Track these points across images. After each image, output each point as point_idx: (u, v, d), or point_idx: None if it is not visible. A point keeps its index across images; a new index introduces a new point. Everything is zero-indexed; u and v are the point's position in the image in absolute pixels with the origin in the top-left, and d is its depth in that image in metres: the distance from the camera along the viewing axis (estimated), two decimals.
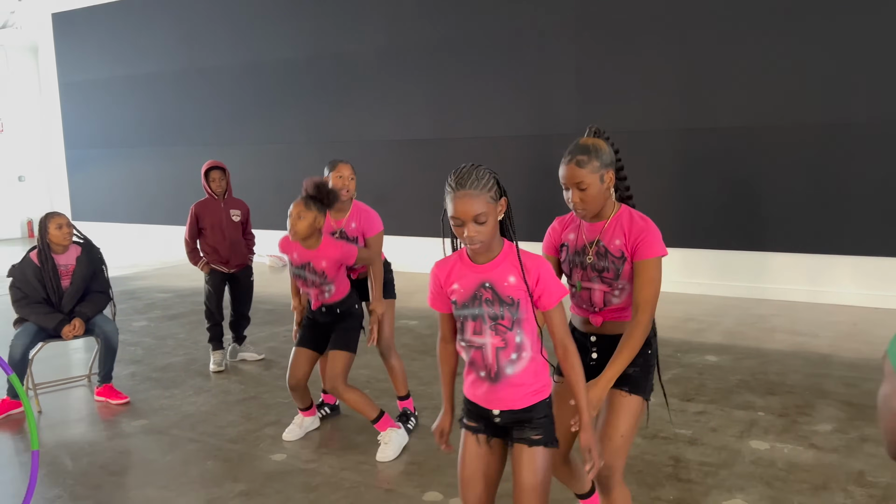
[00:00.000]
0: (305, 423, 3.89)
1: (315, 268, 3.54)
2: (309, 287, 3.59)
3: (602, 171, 2.22)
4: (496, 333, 2.02)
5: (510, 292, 2.00)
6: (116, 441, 3.92)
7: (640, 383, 2.31)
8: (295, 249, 3.57)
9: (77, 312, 4.44)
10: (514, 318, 2.00)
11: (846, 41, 6.53)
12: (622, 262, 2.27)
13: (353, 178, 3.80)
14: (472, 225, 1.92)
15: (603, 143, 2.27)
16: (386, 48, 9.01)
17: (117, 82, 11.63)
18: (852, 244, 6.71)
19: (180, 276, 9.31)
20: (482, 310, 2.02)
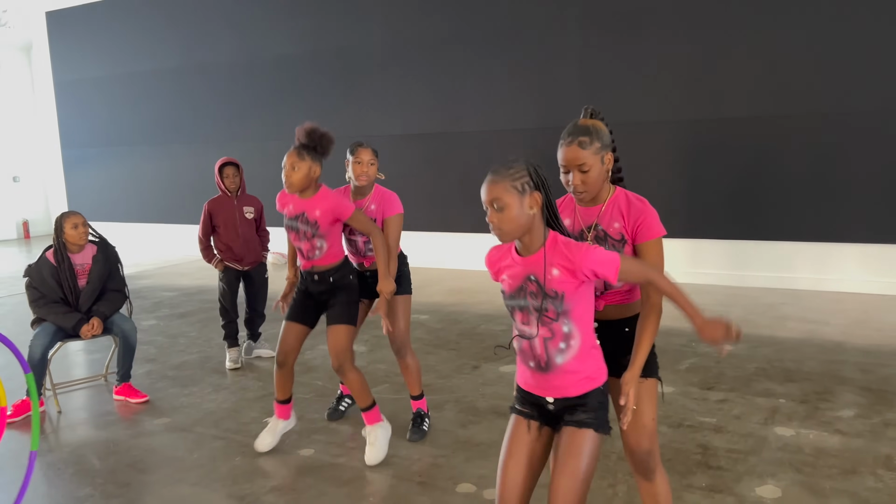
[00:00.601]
0: (279, 428, 3.64)
1: (308, 217, 3.41)
2: (300, 240, 3.45)
3: (602, 152, 2.21)
4: (542, 325, 2.02)
5: (554, 286, 1.99)
6: (141, 439, 3.90)
7: (650, 366, 2.29)
8: (291, 201, 3.48)
9: (95, 311, 4.42)
10: (558, 309, 2.00)
11: (851, 30, 6.56)
12: (622, 244, 2.26)
13: (373, 163, 3.61)
14: (491, 210, 1.95)
15: (601, 125, 2.26)
16: (388, 42, 8.99)
17: (114, 80, 11.55)
18: (858, 232, 6.75)
19: (183, 274, 9.27)
20: (527, 301, 2.03)
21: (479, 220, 8.69)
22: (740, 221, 7.21)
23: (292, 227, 3.47)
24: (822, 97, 6.74)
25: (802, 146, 6.88)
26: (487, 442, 3.67)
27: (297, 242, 3.47)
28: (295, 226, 3.46)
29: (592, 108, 2.34)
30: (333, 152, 3.56)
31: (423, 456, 3.55)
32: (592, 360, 2.07)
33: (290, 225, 3.48)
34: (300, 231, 3.44)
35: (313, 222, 3.41)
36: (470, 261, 8.74)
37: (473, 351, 5.35)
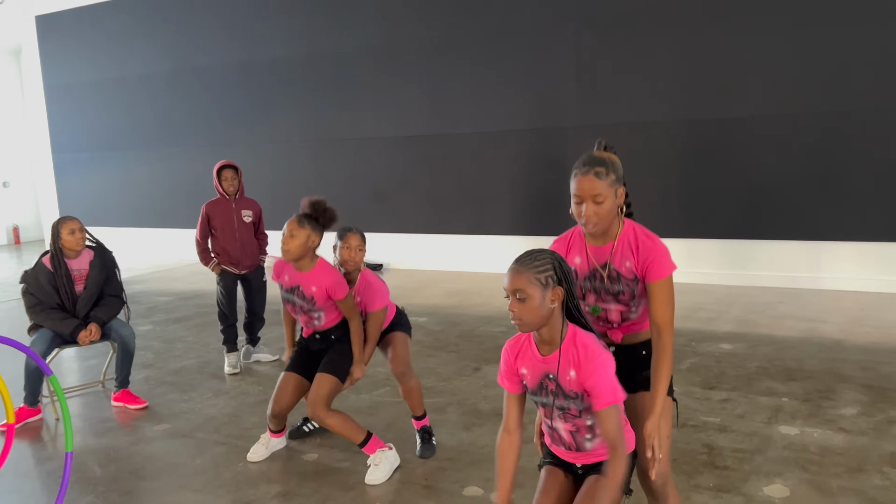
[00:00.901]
0: (272, 444, 3.66)
1: (304, 293, 3.37)
2: (297, 313, 3.46)
3: (616, 185, 2.19)
4: (565, 421, 2.08)
5: (573, 386, 2.01)
6: (142, 446, 3.87)
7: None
8: (287, 272, 3.42)
9: (92, 317, 4.38)
10: (580, 407, 2.04)
11: (849, 30, 6.58)
12: (636, 283, 2.25)
13: (361, 248, 3.49)
14: (513, 300, 1.95)
15: (616, 158, 2.25)
16: (383, 44, 8.97)
17: (106, 84, 11.47)
18: (854, 230, 6.78)
19: (177, 278, 9.21)
20: (549, 399, 2.07)
21: (474, 222, 8.68)
22: (737, 221, 7.23)
23: (289, 300, 3.47)
24: (819, 96, 6.76)
25: (799, 145, 6.90)
26: (492, 445, 3.65)
27: (294, 314, 3.50)
28: (291, 299, 3.45)
29: (606, 141, 2.32)
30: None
31: (428, 459, 3.52)
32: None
33: (286, 297, 3.48)
34: (296, 305, 3.45)
35: (309, 298, 3.38)
36: (466, 262, 8.73)
37: (474, 353, 5.34)
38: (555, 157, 8.15)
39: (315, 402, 3.33)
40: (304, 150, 9.74)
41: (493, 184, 8.50)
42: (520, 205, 8.39)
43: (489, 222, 8.60)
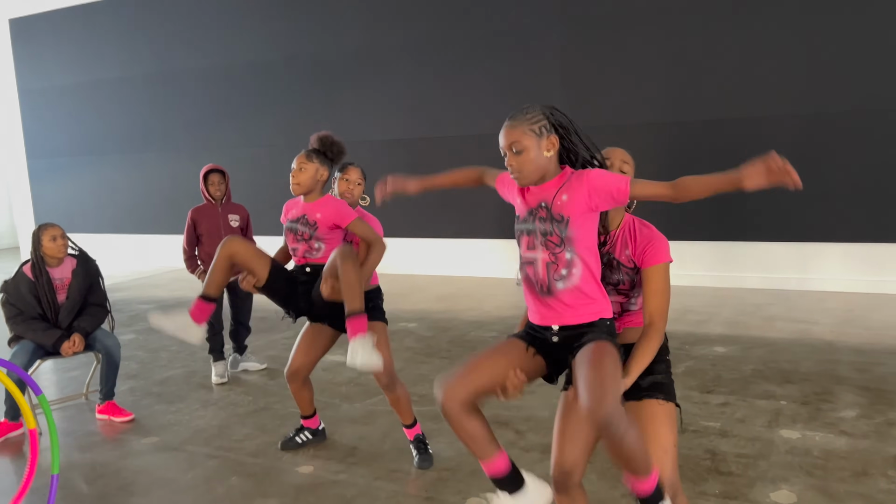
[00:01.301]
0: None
1: (308, 219, 3.37)
2: (297, 242, 3.39)
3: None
4: (546, 248, 2.07)
5: (561, 209, 2.05)
6: (130, 460, 3.74)
7: (671, 389, 2.25)
8: (294, 206, 3.45)
9: (76, 328, 4.24)
10: (562, 234, 2.05)
11: (832, 32, 6.62)
12: (635, 272, 2.22)
13: (359, 183, 3.59)
14: (510, 155, 2.06)
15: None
16: (366, 47, 8.88)
17: (82, 88, 11.25)
18: (841, 231, 6.81)
19: (158, 286, 9.04)
20: (535, 226, 2.10)
21: (462, 226, 8.62)
22: (725, 223, 7.24)
23: (291, 229, 3.42)
24: (805, 99, 6.79)
25: (785, 147, 6.89)
26: None
27: (294, 244, 3.41)
28: (294, 227, 3.40)
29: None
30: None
31: (427, 470, 3.44)
32: (596, 294, 2.09)
33: (290, 227, 3.43)
34: (298, 232, 3.39)
35: (312, 223, 3.37)
36: (454, 267, 8.66)
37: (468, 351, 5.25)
38: None
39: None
40: (286, 154, 9.58)
41: (477, 187, 8.43)
42: (506, 208, 8.32)
43: (475, 226, 8.54)
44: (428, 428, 3.94)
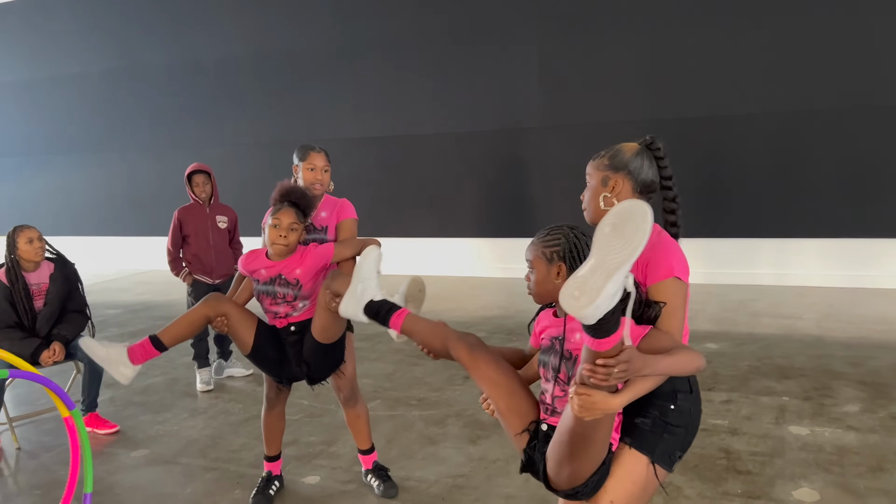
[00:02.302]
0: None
1: (287, 279, 2.84)
2: (279, 304, 2.85)
3: (608, 171, 1.99)
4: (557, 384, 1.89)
5: (571, 347, 1.87)
6: (121, 475, 3.54)
7: (646, 438, 1.88)
8: (260, 263, 2.87)
9: (55, 336, 4.00)
10: (569, 373, 1.86)
11: (809, 31, 6.71)
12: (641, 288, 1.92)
13: (326, 169, 3.11)
14: (528, 270, 1.98)
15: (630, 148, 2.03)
16: (338, 42, 8.70)
17: (37, 84, 10.78)
18: (817, 227, 6.92)
19: (124, 289, 8.71)
20: (549, 360, 1.92)
21: (438, 225, 8.51)
22: (704, 219, 7.28)
23: (268, 293, 2.85)
24: (783, 96, 6.87)
25: (762, 144, 7.00)
26: (503, 458, 3.49)
27: (274, 307, 2.86)
28: (271, 290, 2.85)
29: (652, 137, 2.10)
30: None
31: (440, 477, 3.33)
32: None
33: (264, 290, 2.86)
34: (278, 295, 2.84)
35: (294, 282, 2.84)
36: (432, 266, 8.54)
37: None
38: (518, 158, 8.06)
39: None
40: (254, 153, 9.36)
41: (456, 186, 8.35)
42: (484, 207, 8.27)
43: (453, 225, 8.44)
44: (432, 432, 3.84)
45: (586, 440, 1.72)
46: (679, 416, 1.90)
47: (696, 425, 1.96)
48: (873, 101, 6.61)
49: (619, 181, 1.98)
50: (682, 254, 1.91)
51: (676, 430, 1.89)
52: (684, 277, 1.85)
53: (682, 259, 1.89)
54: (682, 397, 1.90)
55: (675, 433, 1.89)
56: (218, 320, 2.79)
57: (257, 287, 2.89)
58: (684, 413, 1.90)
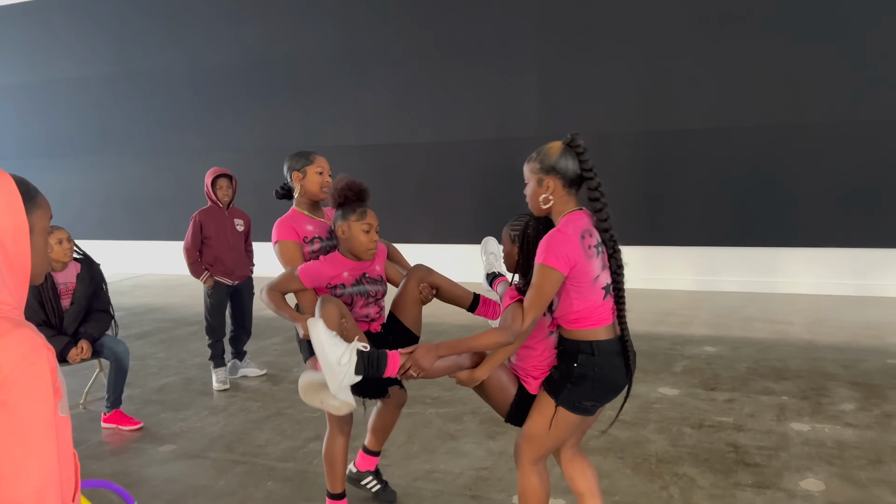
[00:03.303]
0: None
1: (372, 276, 2.86)
2: (370, 305, 2.83)
3: (541, 174, 2.27)
4: None
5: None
6: (153, 469, 3.65)
7: (554, 386, 2.31)
8: (345, 267, 2.79)
9: (82, 334, 4.10)
10: None
11: (799, 45, 6.99)
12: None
13: (331, 172, 3.02)
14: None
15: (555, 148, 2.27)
16: (340, 51, 8.86)
17: (37, 87, 10.80)
18: (805, 237, 7.19)
19: (121, 292, 8.75)
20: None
21: (436, 231, 8.67)
22: (695, 229, 7.53)
23: (361, 293, 2.81)
24: (775, 110, 7.15)
25: (756, 157, 7.27)
26: None
27: (365, 309, 2.83)
28: (363, 290, 2.82)
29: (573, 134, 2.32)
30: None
31: (464, 469, 3.49)
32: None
33: (356, 292, 2.80)
34: (370, 294, 2.83)
35: (378, 279, 2.88)
36: None
37: None
38: (516, 167, 8.23)
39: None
40: (255, 159, 9.47)
41: (454, 193, 8.53)
42: (481, 214, 8.45)
43: (450, 231, 8.61)
44: (451, 429, 3.99)
45: (484, 392, 2.46)
46: (580, 371, 2.27)
47: (608, 382, 2.30)
48: (861, 116, 6.90)
49: (550, 182, 2.27)
50: (564, 246, 2.18)
51: (581, 382, 2.27)
52: (554, 265, 2.17)
53: (558, 249, 2.18)
54: (582, 359, 2.27)
55: (579, 385, 2.27)
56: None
57: (345, 291, 2.78)
58: (586, 370, 2.27)
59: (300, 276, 2.74)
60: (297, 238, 2.86)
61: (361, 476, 3.23)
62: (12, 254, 1.29)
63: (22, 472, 1.21)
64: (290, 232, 2.85)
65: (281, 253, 2.85)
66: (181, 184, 9.91)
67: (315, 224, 2.93)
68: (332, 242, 2.95)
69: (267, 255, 7.32)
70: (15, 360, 1.22)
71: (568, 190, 2.27)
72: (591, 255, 2.22)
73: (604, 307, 2.29)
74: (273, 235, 2.88)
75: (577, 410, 2.30)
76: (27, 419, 1.22)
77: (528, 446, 2.38)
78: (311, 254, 2.87)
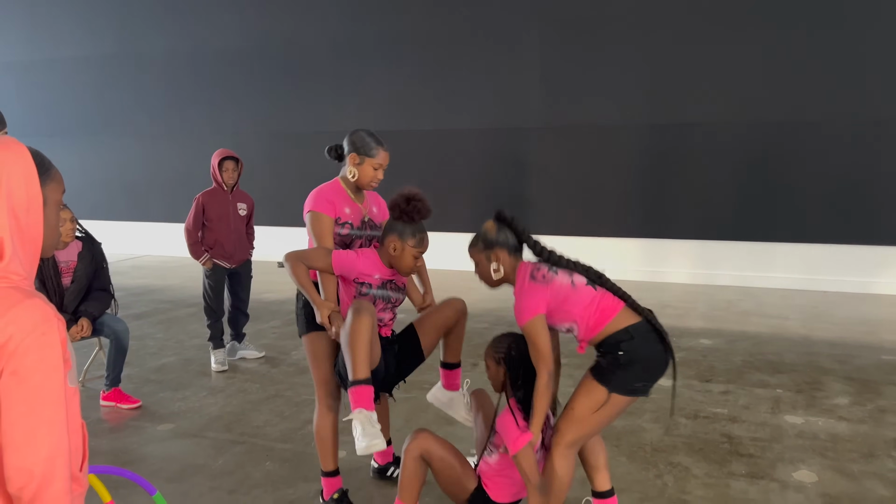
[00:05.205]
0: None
1: (398, 284, 2.89)
2: (387, 310, 2.86)
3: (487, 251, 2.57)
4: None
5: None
6: (152, 447, 3.67)
7: (603, 374, 2.44)
8: (379, 270, 2.80)
9: (82, 312, 4.12)
10: None
11: (799, 41, 7.00)
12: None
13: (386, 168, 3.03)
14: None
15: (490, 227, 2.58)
16: (343, 36, 8.83)
17: (34, 66, 10.75)
18: (801, 233, 7.22)
19: (120, 273, 8.74)
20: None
21: (436, 219, 8.66)
22: (692, 222, 7.55)
23: (383, 297, 2.83)
24: (773, 106, 7.16)
25: (754, 152, 7.28)
26: None
27: (382, 314, 2.85)
28: (386, 295, 2.84)
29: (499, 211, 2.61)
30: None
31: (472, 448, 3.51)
32: None
33: (379, 295, 2.81)
34: (391, 300, 2.86)
35: (402, 286, 2.91)
36: (430, 260, 8.67)
37: (465, 349, 5.29)
38: (517, 156, 8.27)
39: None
40: (255, 144, 9.45)
41: (456, 181, 8.53)
42: (483, 203, 8.45)
43: (452, 220, 8.62)
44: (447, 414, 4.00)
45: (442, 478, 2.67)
46: (627, 357, 2.40)
47: (654, 359, 2.45)
48: (860, 113, 6.92)
49: (496, 254, 2.56)
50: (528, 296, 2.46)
51: (630, 366, 2.41)
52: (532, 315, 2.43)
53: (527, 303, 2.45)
54: (624, 346, 2.42)
55: (629, 369, 2.41)
56: (335, 329, 2.67)
57: (370, 291, 2.79)
58: (632, 355, 2.41)
59: (333, 261, 2.73)
60: (333, 214, 2.82)
61: (386, 467, 3.29)
62: (25, 224, 1.31)
63: (32, 440, 1.23)
64: (327, 206, 2.82)
65: (312, 223, 2.82)
66: (181, 166, 9.89)
67: (353, 208, 2.90)
68: (361, 233, 2.91)
69: (266, 239, 7.36)
70: (26, 330, 1.23)
71: (513, 256, 2.57)
72: (549, 278, 2.47)
73: (605, 297, 2.47)
74: (308, 203, 2.84)
75: (631, 393, 2.44)
76: (38, 388, 1.24)
77: (570, 429, 2.47)
78: (336, 236, 2.85)
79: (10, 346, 1.22)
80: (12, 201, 1.28)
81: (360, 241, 2.93)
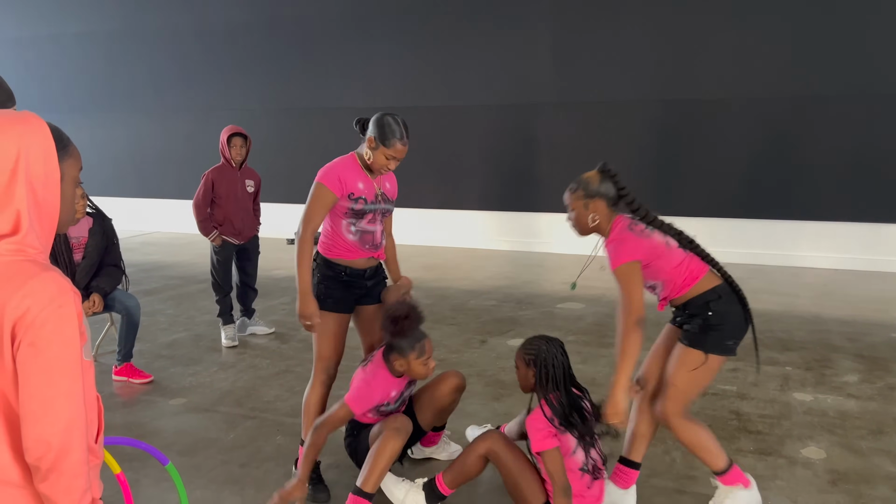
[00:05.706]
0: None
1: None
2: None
3: (586, 199, 2.63)
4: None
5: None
6: (164, 421, 3.71)
7: (696, 338, 2.59)
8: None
9: (94, 287, 4.14)
10: None
11: (819, 17, 6.89)
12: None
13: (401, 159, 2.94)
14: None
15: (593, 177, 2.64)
16: (351, 11, 8.75)
17: (42, 42, 10.73)
18: (813, 210, 7.17)
19: (130, 249, 8.79)
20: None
21: (445, 196, 8.67)
22: (705, 199, 7.50)
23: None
24: (789, 82, 7.07)
25: (766, 129, 7.21)
26: None
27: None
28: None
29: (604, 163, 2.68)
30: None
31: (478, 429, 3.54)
32: None
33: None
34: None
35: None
36: (438, 237, 8.71)
37: (473, 326, 5.36)
38: (528, 133, 8.21)
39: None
40: (262, 120, 9.43)
41: (465, 158, 8.50)
42: (492, 180, 8.43)
43: (461, 197, 8.61)
44: None
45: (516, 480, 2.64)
46: (718, 317, 2.57)
47: (739, 318, 2.64)
48: (874, 89, 6.82)
49: (596, 204, 2.63)
50: (626, 243, 2.56)
51: (721, 326, 2.58)
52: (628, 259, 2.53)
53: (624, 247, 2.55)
54: (713, 305, 2.58)
55: (720, 328, 2.58)
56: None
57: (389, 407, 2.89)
58: (721, 314, 2.58)
59: (353, 410, 2.78)
60: (340, 193, 2.83)
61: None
62: (42, 199, 1.31)
63: (49, 411, 1.24)
64: (336, 183, 2.83)
65: (314, 193, 2.83)
66: (189, 142, 9.90)
67: (367, 183, 2.89)
68: (375, 206, 2.90)
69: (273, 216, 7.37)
70: (43, 303, 1.24)
71: (610, 208, 2.65)
72: (646, 234, 2.60)
73: (693, 260, 2.65)
74: (320, 173, 2.86)
75: (725, 351, 2.61)
76: (55, 360, 1.25)
77: (674, 402, 2.62)
78: (349, 211, 2.86)
79: (28, 319, 1.23)
80: (30, 175, 1.29)
81: (373, 213, 2.93)
